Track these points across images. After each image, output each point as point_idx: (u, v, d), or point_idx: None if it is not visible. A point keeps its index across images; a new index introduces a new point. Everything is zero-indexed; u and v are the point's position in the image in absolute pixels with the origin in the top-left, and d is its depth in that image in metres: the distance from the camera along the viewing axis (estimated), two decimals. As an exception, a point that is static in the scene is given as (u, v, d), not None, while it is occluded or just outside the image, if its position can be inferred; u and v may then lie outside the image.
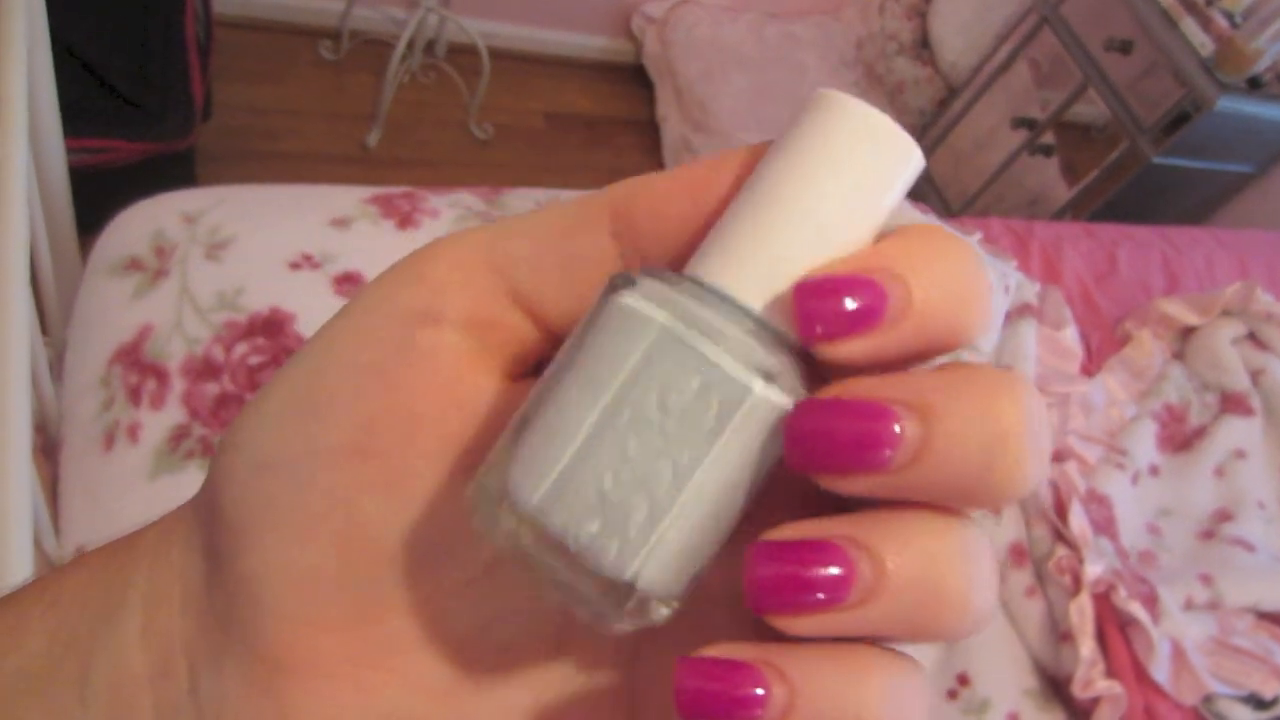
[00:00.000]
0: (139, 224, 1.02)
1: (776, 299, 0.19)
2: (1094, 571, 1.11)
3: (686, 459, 0.18)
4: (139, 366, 0.93)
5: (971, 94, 2.44)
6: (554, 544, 0.18)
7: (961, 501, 0.18)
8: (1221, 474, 1.42)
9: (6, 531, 0.64)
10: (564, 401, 0.18)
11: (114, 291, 0.98)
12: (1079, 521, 1.15)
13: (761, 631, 0.18)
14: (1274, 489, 1.42)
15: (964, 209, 2.44)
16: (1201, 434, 1.46)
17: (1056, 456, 1.25)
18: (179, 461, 0.89)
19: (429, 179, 2.13)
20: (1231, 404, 1.48)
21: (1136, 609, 1.09)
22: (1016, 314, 1.38)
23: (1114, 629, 1.10)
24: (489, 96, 2.26)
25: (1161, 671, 1.09)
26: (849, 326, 0.18)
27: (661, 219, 0.20)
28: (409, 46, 2.12)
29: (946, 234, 0.19)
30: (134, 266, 0.99)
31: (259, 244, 1.04)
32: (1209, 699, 1.12)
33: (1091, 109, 2.17)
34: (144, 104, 1.56)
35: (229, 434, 0.21)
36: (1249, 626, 1.21)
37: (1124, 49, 2.08)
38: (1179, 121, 2.00)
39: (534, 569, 0.19)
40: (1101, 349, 1.51)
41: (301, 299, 1.01)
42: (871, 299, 0.18)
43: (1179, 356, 1.56)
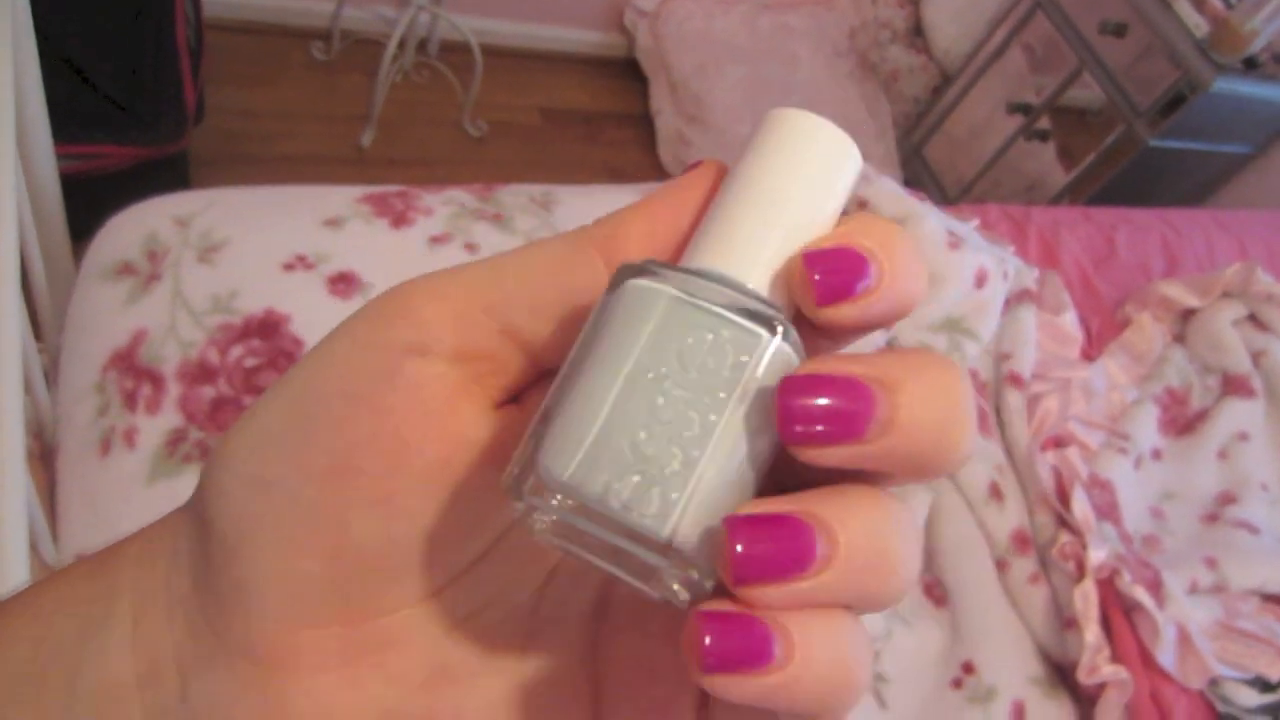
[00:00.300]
0: (131, 228, 1.02)
1: (762, 278, 0.21)
2: (1098, 557, 1.11)
3: (712, 407, 0.20)
4: (134, 371, 0.93)
5: (966, 81, 2.43)
6: (596, 509, 0.19)
7: (915, 470, 0.20)
8: (1224, 456, 1.41)
9: (3, 538, 0.63)
10: (586, 381, 0.20)
11: (107, 297, 0.97)
12: (1082, 507, 1.15)
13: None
14: (1277, 471, 1.42)
15: (961, 196, 2.43)
16: (1203, 417, 1.45)
17: (1058, 442, 1.25)
18: (176, 466, 0.89)
19: (424, 178, 2.12)
20: (1233, 386, 1.48)
21: (1141, 594, 1.09)
22: (1015, 300, 1.38)
23: (1118, 614, 1.10)
24: (482, 94, 2.25)
25: (1167, 656, 1.09)
26: (846, 291, 0.20)
27: (650, 242, 0.22)
28: (401, 45, 2.12)
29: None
30: (126, 271, 0.98)
31: (252, 246, 1.03)
32: (1214, 682, 1.12)
33: (1087, 93, 2.17)
34: (135, 109, 1.56)
35: (219, 450, 0.22)
36: (1254, 609, 1.20)
37: (1118, 32, 2.07)
38: (1175, 103, 2.00)
39: (580, 543, 0.20)
40: (1102, 333, 1.50)
41: (296, 300, 1.00)
42: (858, 271, 0.20)
43: (1180, 339, 1.55)
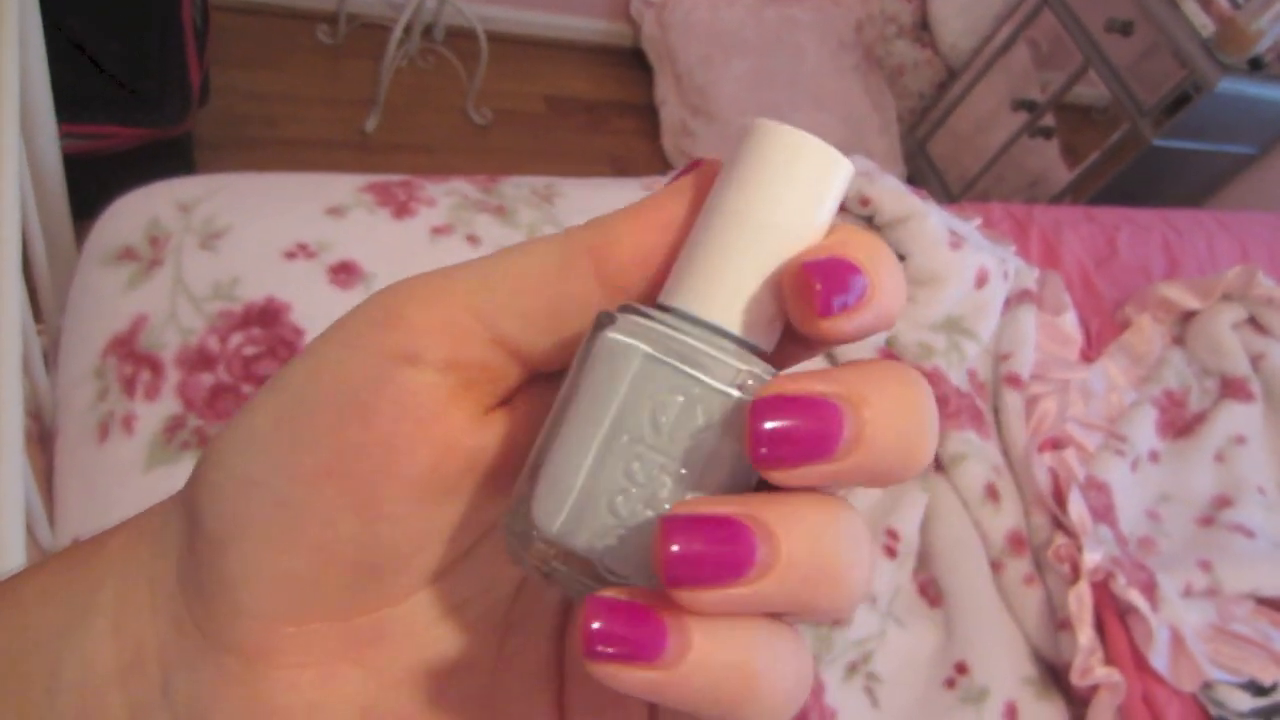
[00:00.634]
0: (133, 213, 1.01)
1: (742, 313, 0.21)
2: (1093, 559, 1.11)
3: (684, 470, 0.20)
4: (133, 357, 0.93)
5: (971, 76, 2.43)
6: (581, 562, 0.20)
7: (877, 480, 0.20)
8: (1221, 460, 1.41)
9: (0, 521, 0.64)
10: (568, 437, 0.21)
11: (108, 281, 0.97)
12: (1078, 509, 1.15)
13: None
14: (1274, 475, 1.42)
15: (964, 192, 2.43)
16: (1201, 420, 1.45)
17: (1055, 443, 1.25)
18: (174, 453, 0.89)
19: (427, 164, 2.12)
20: (1232, 389, 1.48)
21: (1135, 596, 1.09)
22: (1015, 300, 1.38)
23: (1113, 616, 1.10)
24: (487, 81, 2.25)
25: (1160, 659, 1.09)
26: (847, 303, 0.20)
27: (642, 250, 0.22)
28: (407, 31, 2.11)
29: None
30: (128, 256, 0.98)
31: (254, 233, 1.03)
32: (1208, 685, 1.12)
33: (1092, 91, 2.17)
34: (141, 89, 1.56)
35: (211, 447, 0.22)
36: (1248, 613, 1.20)
37: (1124, 30, 2.07)
38: (1180, 103, 1.99)
39: (568, 588, 0.21)
40: (1101, 334, 1.50)
41: (297, 289, 1.00)
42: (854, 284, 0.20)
43: (1179, 341, 1.55)
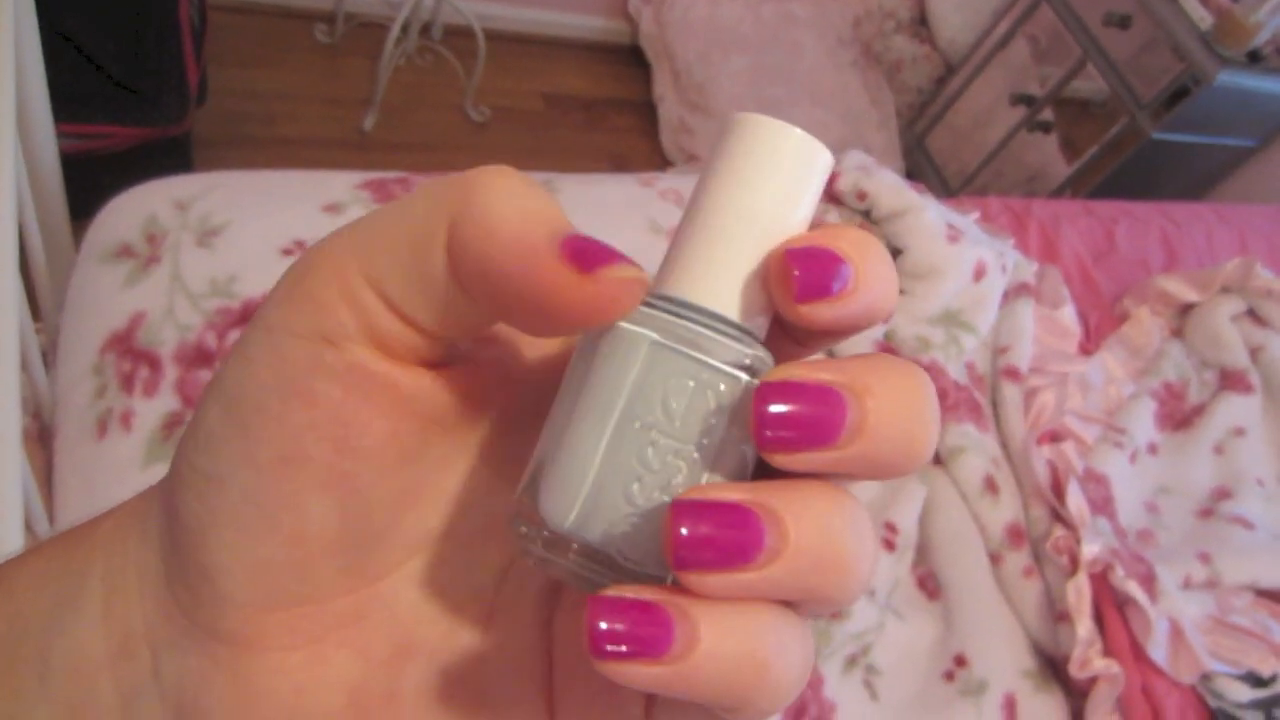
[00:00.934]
0: (130, 211, 1.02)
1: (733, 300, 0.21)
2: (1091, 551, 1.11)
3: (697, 454, 0.20)
4: (131, 354, 0.93)
5: (970, 71, 2.43)
6: (596, 553, 0.21)
7: (879, 472, 0.20)
8: (1220, 452, 1.41)
9: (-2, 519, 0.64)
10: (577, 428, 0.21)
11: (106, 279, 0.97)
12: (1076, 501, 1.15)
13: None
14: (1273, 467, 1.42)
15: (963, 187, 2.43)
16: (1200, 412, 1.45)
17: (1054, 436, 1.25)
18: (172, 449, 0.89)
19: (426, 162, 2.12)
20: (1230, 381, 1.48)
21: (1134, 588, 1.09)
22: (1014, 294, 1.38)
23: (1111, 608, 1.10)
24: (485, 79, 2.25)
25: (1159, 650, 1.09)
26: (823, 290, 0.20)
27: (492, 269, 0.19)
28: (404, 29, 2.11)
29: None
30: (125, 253, 0.98)
31: (251, 231, 1.03)
32: (1207, 677, 1.12)
33: (1090, 85, 2.17)
34: (139, 89, 1.56)
35: (179, 446, 0.22)
36: (1247, 604, 1.21)
37: (1122, 24, 2.07)
38: (1178, 96, 1.99)
39: (587, 584, 0.21)
40: (1100, 327, 1.50)
41: (294, 285, 1.00)
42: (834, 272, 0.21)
43: (1178, 334, 1.55)
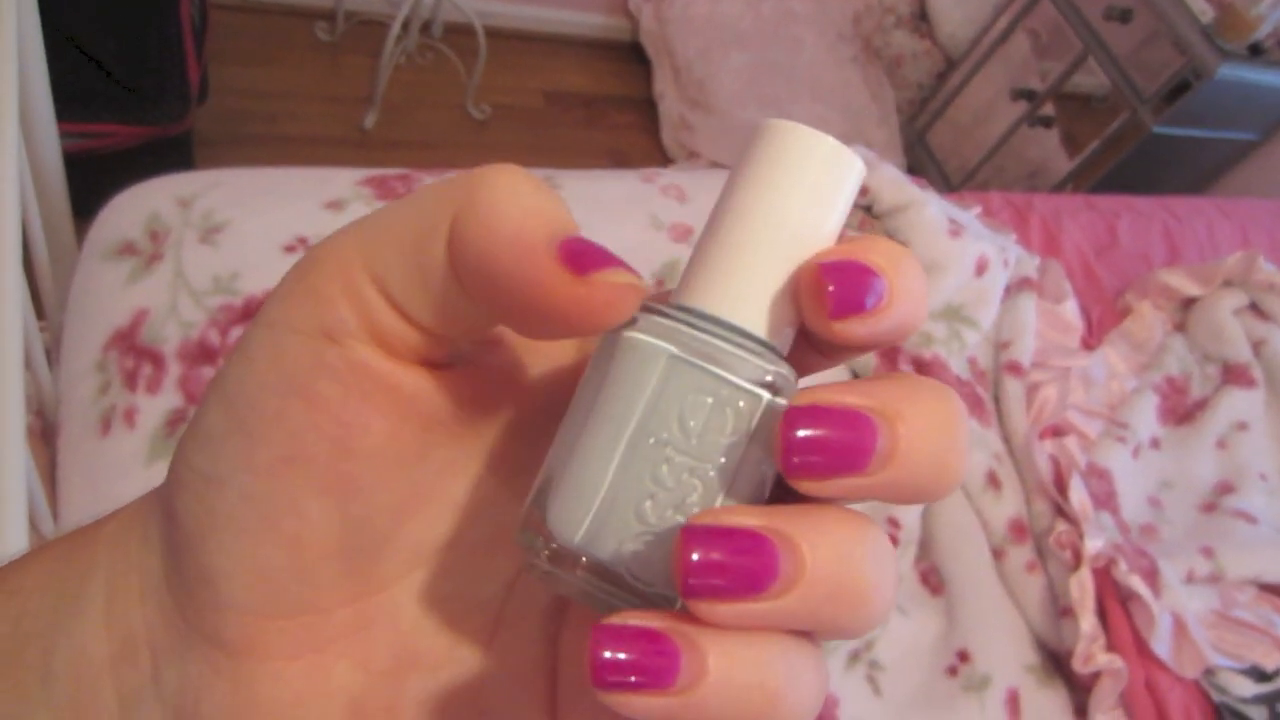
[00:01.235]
0: (133, 208, 1.02)
1: (757, 313, 0.20)
2: (1094, 546, 1.11)
3: (713, 474, 0.19)
4: (135, 351, 0.93)
5: (970, 66, 2.43)
6: (606, 573, 0.20)
7: (907, 498, 0.19)
8: (1223, 446, 1.41)
9: (2, 515, 0.64)
10: (589, 442, 0.20)
11: (109, 276, 0.97)
12: (1079, 496, 1.15)
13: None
14: (1276, 461, 1.42)
15: (964, 182, 2.43)
16: (1203, 406, 1.45)
17: (1056, 431, 1.25)
18: (175, 446, 0.89)
19: (427, 160, 2.12)
20: (1233, 375, 1.48)
21: (1137, 583, 1.09)
22: (1016, 288, 1.38)
23: (1115, 603, 1.10)
24: (486, 77, 2.25)
25: (1163, 645, 1.09)
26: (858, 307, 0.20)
27: (489, 267, 0.19)
28: (405, 27, 2.11)
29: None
30: (128, 251, 0.99)
31: (253, 227, 1.03)
32: (1210, 672, 1.12)
33: (1091, 79, 2.16)
34: (139, 87, 1.56)
35: (179, 447, 0.22)
36: (1250, 599, 1.21)
37: (1123, 17, 2.06)
38: (1180, 90, 1.99)
39: (594, 601, 0.20)
40: (1102, 322, 1.50)
41: (296, 282, 1.00)
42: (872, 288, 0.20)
43: (1180, 328, 1.55)
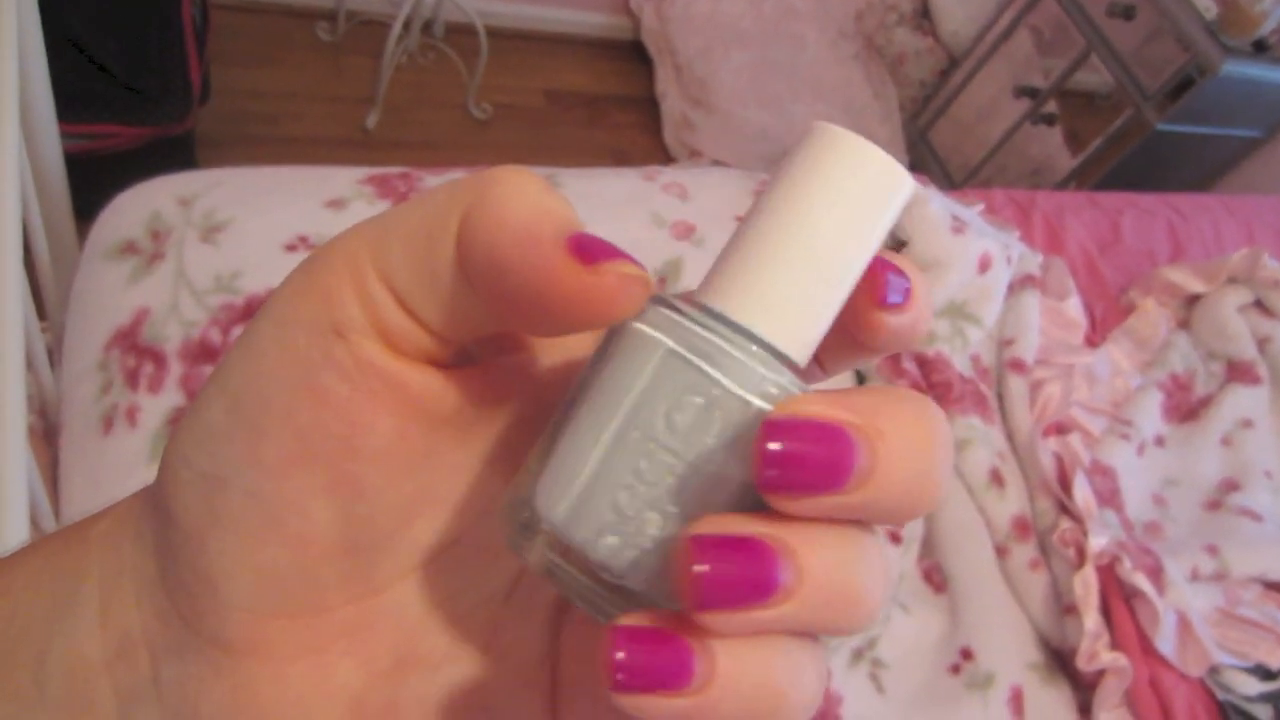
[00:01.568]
0: (134, 208, 1.02)
1: (781, 321, 0.20)
2: (1098, 544, 1.11)
3: (692, 476, 0.19)
4: (136, 350, 0.93)
5: (973, 64, 2.42)
6: (577, 557, 0.20)
7: (883, 518, 0.19)
8: (1228, 443, 1.41)
9: (4, 515, 0.64)
10: (580, 425, 0.20)
11: (110, 275, 0.97)
12: (1083, 493, 1.15)
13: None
14: (1281, 457, 1.42)
15: (967, 180, 2.42)
16: (1207, 403, 1.45)
17: (1060, 428, 1.25)
18: (168, 444, 0.89)
19: (429, 160, 2.12)
20: (1238, 372, 1.47)
21: (1141, 581, 1.09)
22: (1019, 285, 1.37)
23: (1119, 601, 1.10)
24: (487, 76, 2.25)
25: (1167, 643, 1.09)
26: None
27: (498, 260, 0.19)
28: (406, 27, 2.11)
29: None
30: (130, 250, 0.99)
31: (254, 227, 1.03)
32: (1215, 670, 1.12)
33: (1094, 76, 2.16)
34: (142, 88, 1.56)
35: (173, 445, 0.21)
36: (1255, 597, 1.20)
37: (1126, 14, 2.06)
38: (1183, 87, 1.98)
39: (561, 581, 0.20)
40: (1106, 319, 1.50)
41: (298, 281, 1.00)
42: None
43: (1184, 325, 1.55)
